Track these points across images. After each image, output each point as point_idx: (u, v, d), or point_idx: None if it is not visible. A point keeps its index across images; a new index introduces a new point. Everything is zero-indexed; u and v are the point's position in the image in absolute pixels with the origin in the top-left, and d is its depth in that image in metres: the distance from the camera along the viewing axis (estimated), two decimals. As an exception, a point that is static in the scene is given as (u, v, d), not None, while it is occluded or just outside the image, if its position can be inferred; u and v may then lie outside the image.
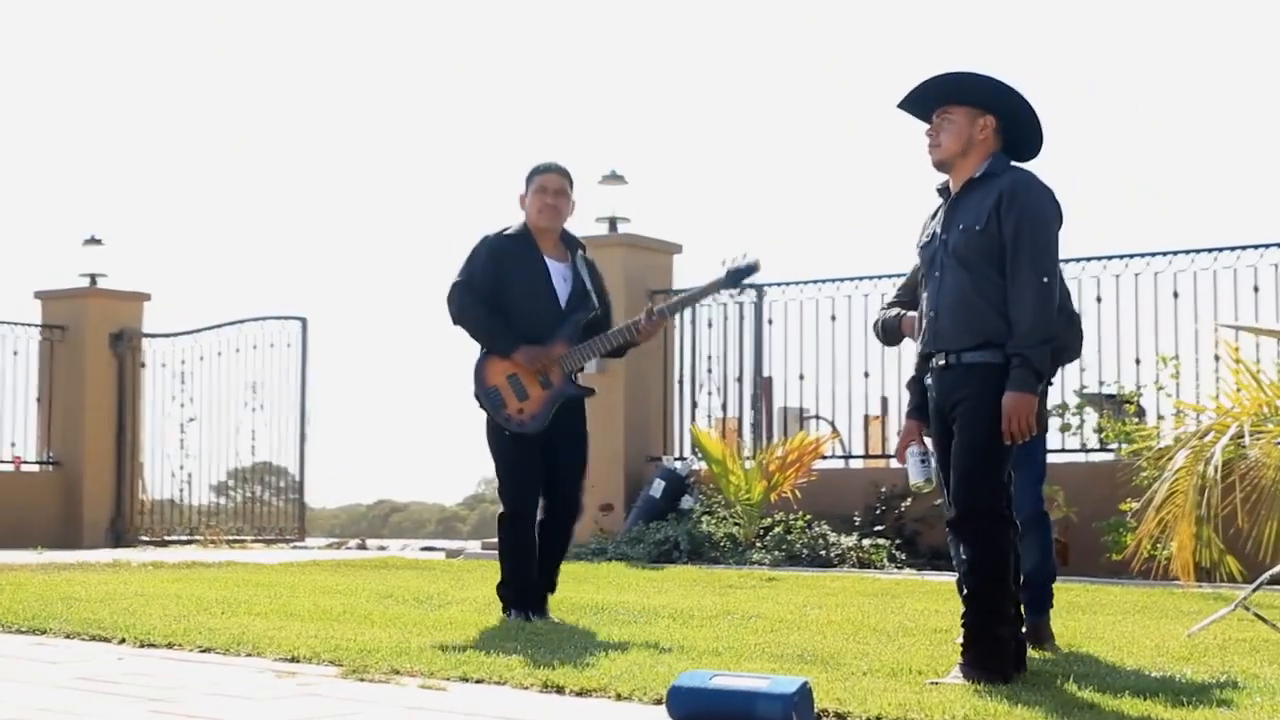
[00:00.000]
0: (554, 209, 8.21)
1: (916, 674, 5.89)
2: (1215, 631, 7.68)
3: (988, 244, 5.82)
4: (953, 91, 5.98)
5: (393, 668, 5.90)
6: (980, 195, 5.89)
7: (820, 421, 15.44)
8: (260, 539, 18.91)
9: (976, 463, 5.80)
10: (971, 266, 5.85)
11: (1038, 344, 5.72)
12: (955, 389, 5.88)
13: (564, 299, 8.17)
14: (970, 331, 5.83)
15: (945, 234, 5.97)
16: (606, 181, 15.95)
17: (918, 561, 13.14)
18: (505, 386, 8.05)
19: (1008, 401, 5.69)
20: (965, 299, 5.85)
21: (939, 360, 5.95)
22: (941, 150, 5.98)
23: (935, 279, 5.99)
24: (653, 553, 13.25)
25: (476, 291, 8.11)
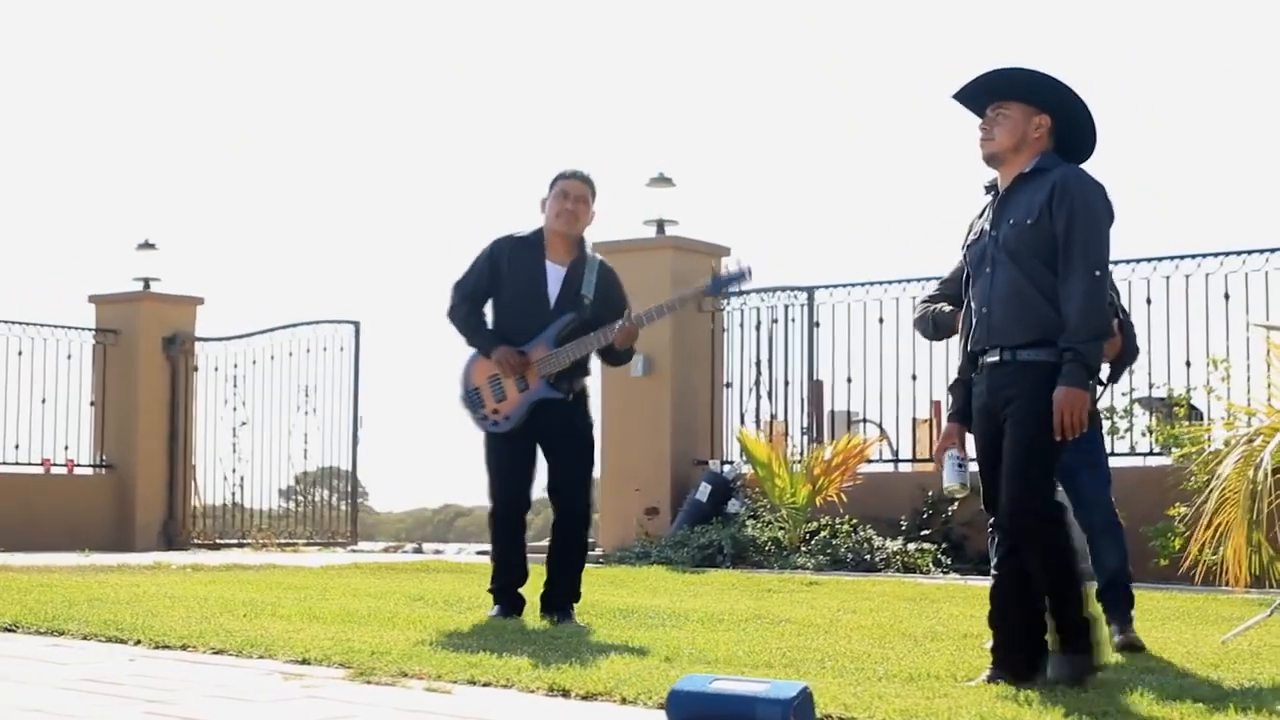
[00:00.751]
0: (572, 214, 8.17)
1: (935, 679, 5.80)
2: (1251, 637, 7.54)
3: (1039, 238, 5.75)
4: (1010, 88, 5.89)
5: (401, 670, 5.84)
6: (1031, 190, 5.82)
7: (868, 425, 15.32)
8: (313, 543, 18.90)
9: (1029, 461, 5.73)
10: (1023, 261, 5.78)
11: (1089, 339, 5.65)
12: (1007, 386, 5.79)
13: (554, 301, 8.12)
14: (1024, 325, 5.76)
15: (995, 230, 5.90)
16: (654, 184, 15.90)
17: (964, 566, 13.02)
18: (485, 387, 8.10)
19: (1059, 396, 5.62)
20: (1018, 292, 5.78)
21: (991, 357, 5.86)
22: (994, 144, 5.89)
23: (985, 275, 5.91)
24: (696, 557, 13.17)
25: (465, 290, 8.19)
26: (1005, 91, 5.88)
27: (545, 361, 8.03)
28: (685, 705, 4.73)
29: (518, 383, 8.03)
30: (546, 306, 8.09)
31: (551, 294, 8.11)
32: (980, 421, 5.96)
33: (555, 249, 8.18)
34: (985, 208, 6.08)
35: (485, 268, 8.16)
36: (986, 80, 5.93)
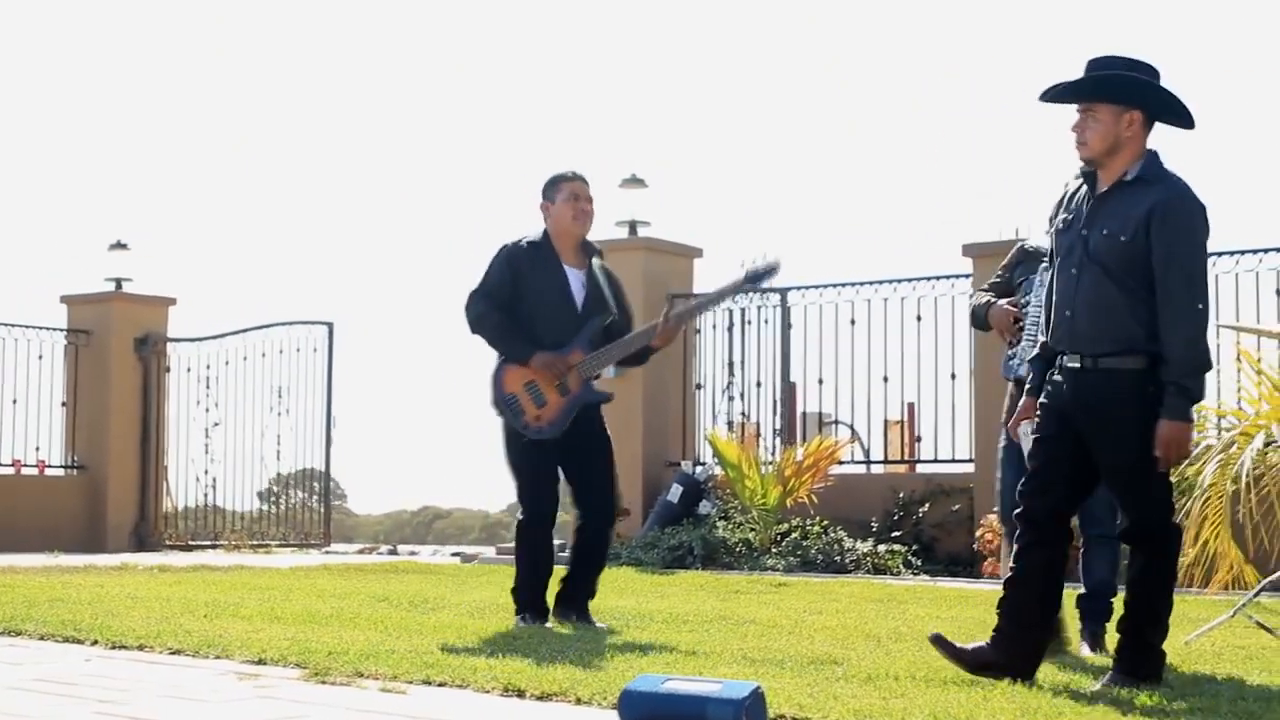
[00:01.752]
0: (588, 215, 8.19)
1: (894, 680, 5.77)
2: (1215, 639, 7.53)
3: (1133, 255, 5.67)
4: (1096, 91, 5.79)
5: (357, 670, 5.81)
6: (1130, 200, 5.73)
7: (840, 426, 15.31)
8: (286, 544, 18.84)
9: (1147, 482, 5.72)
10: (1114, 275, 5.70)
11: (1194, 373, 5.62)
12: (1090, 394, 5.75)
13: (581, 305, 8.09)
14: (1109, 338, 5.71)
15: (1087, 230, 5.80)
16: (627, 185, 15.88)
17: (934, 568, 13.04)
18: (523, 394, 7.98)
19: (1164, 430, 5.57)
20: (1107, 305, 5.71)
21: (1072, 362, 5.81)
22: (1088, 149, 5.80)
23: (1071, 275, 5.83)
24: (666, 558, 13.15)
25: (493, 299, 8.05)
26: (1090, 94, 5.79)
27: (587, 364, 7.99)
28: (637, 705, 4.71)
29: (559, 388, 7.98)
30: (575, 311, 8.05)
31: (577, 297, 8.08)
32: (1051, 420, 5.91)
33: (568, 253, 8.15)
34: (1078, 190, 5.96)
35: (507, 275, 8.05)
36: (1072, 85, 5.83)
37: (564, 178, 8.18)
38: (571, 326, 8.02)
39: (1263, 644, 7.37)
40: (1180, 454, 5.67)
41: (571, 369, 7.96)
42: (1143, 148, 5.81)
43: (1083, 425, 5.79)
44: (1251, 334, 9.09)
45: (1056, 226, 5.99)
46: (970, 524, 13.10)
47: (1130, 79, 5.80)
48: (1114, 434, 5.71)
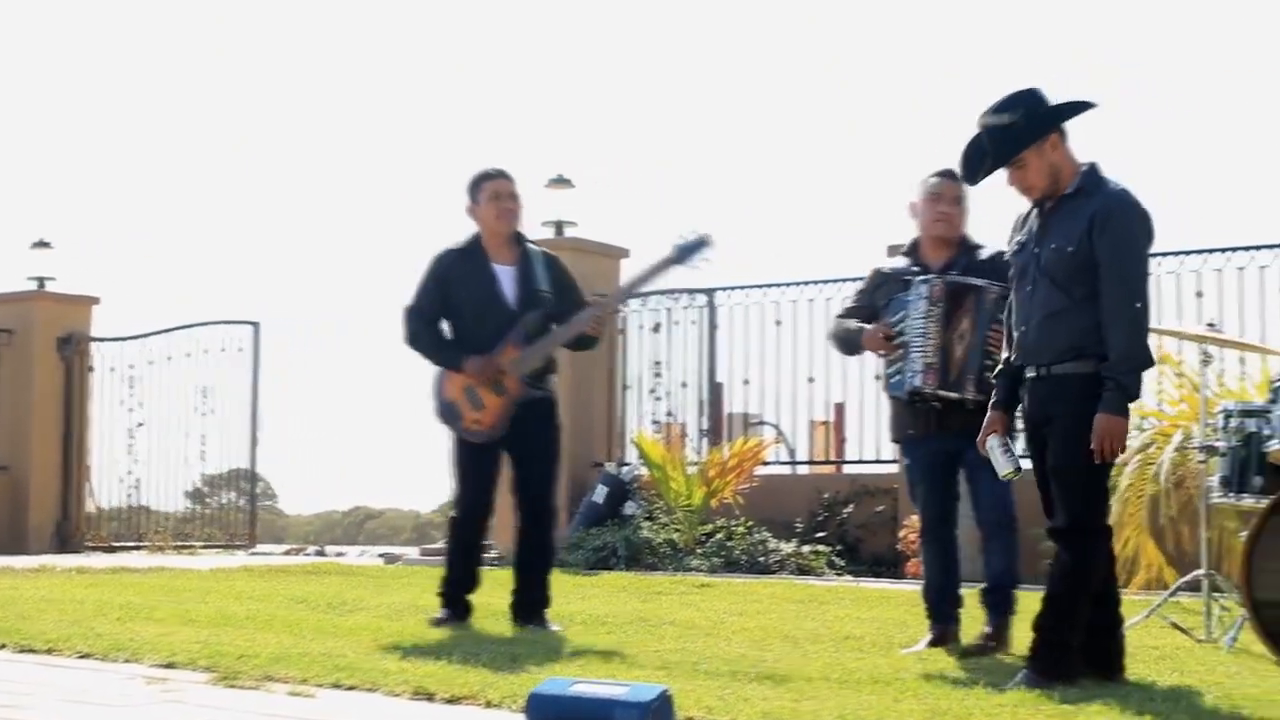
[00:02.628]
0: (512, 212, 8.15)
1: (807, 681, 5.78)
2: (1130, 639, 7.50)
3: (1079, 263, 5.87)
4: (1014, 147, 5.96)
5: (266, 674, 5.77)
6: (1073, 213, 5.93)
7: (766, 427, 15.31)
8: (211, 545, 18.69)
9: (1081, 479, 5.89)
10: (1062, 285, 5.91)
11: (1132, 370, 5.81)
12: (1049, 401, 5.96)
13: (513, 301, 8.04)
14: (1060, 346, 5.91)
15: (1039, 248, 6.02)
16: (553, 185, 15.81)
17: (858, 568, 13.03)
18: (462, 399, 8.01)
19: (1099, 423, 5.77)
20: (1057, 315, 5.92)
21: (1030, 373, 6.04)
22: (1038, 191, 6.01)
23: (1025, 292, 6.07)
24: (590, 559, 13.10)
25: (423, 313, 8.11)
26: (1011, 152, 5.96)
27: (519, 362, 7.96)
28: (544, 709, 4.67)
29: (495, 389, 7.96)
30: (507, 309, 8.02)
31: (509, 295, 8.05)
32: (1029, 432, 6.16)
33: (498, 251, 8.11)
34: (1030, 212, 6.16)
35: (434, 286, 8.09)
36: (992, 154, 6.00)
37: (486, 176, 8.14)
38: (505, 325, 7.99)
39: (1177, 644, 7.41)
40: (1115, 447, 5.81)
41: (504, 369, 7.92)
42: (1075, 161, 6.02)
43: (1044, 430, 6.00)
44: (1171, 336, 9.13)
45: (1012, 249, 6.22)
46: (894, 524, 13.11)
47: (1027, 116, 5.95)
48: (1061, 433, 5.90)
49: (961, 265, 7.24)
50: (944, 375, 7.03)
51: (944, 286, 7.07)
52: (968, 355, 7.02)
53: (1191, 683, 5.97)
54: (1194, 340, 8.46)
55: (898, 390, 7.23)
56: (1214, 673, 6.31)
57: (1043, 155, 5.95)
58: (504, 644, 6.96)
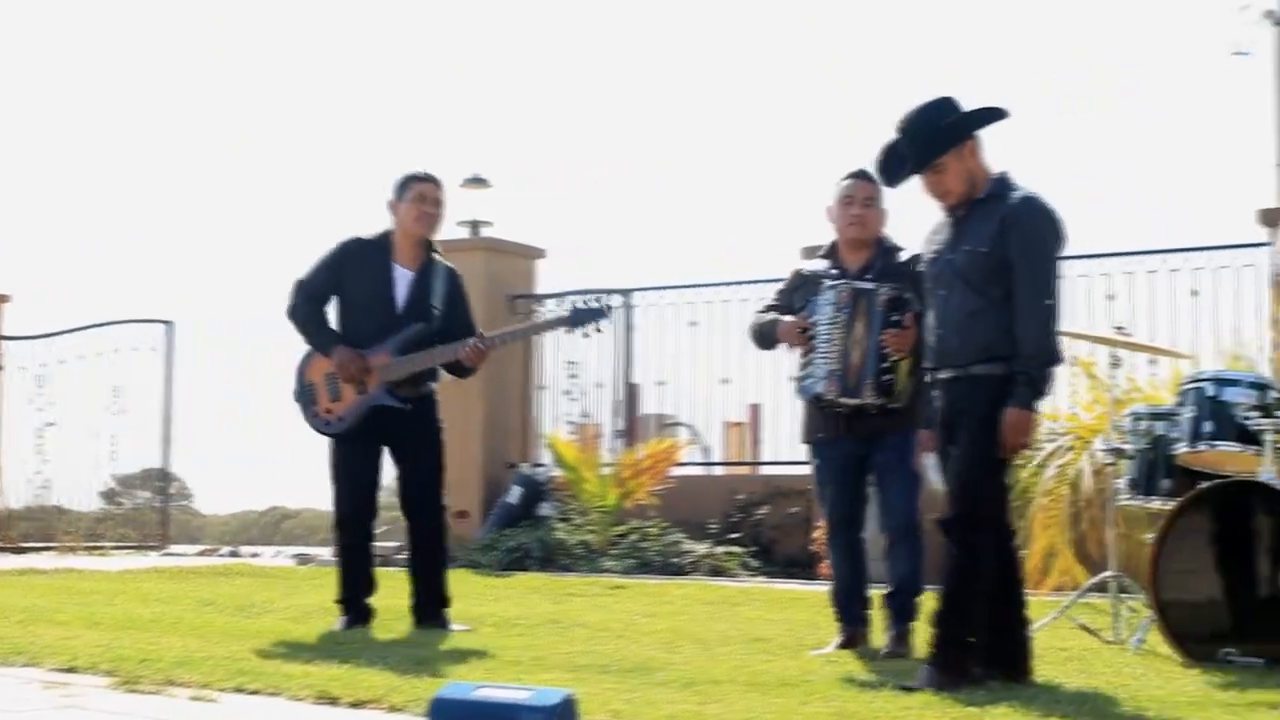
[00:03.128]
0: (431, 218, 8.10)
1: (714, 684, 5.76)
2: (1039, 640, 7.53)
3: (992, 265, 5.93)
4: (935, 150, 6.01)
5: (168, 678, 5.69)
6: (986, 216, 6.00)
7: (680, 428, 15.31)
8: (123, 546, 18.49)
9: (978, 470, 5.93)
10: (977, 287, 5.96)
11: (1042, 365, 5.87)
12: (960, 399, 5.99)
13: (401, 306, 7.99)
14: (975, 348, 5.95)
15: (952, 254, 6.07)
16: (469, 185, 15.75)
17: (772, 569, 13.03)
18: (321, 384, 8.00)
19: (1008, 416, 5.83)
20: (970, 319, 5.97)
21: (944, 374, 6.07)
22: (954, 196, 6.07)
23: (940, 296, 6.11)
24: (504, 560, 13.06)
25: (311, 291, 8.05)
26: (931, 156, 6.02)
27: (387, 369, 7.91)
28: (447, 713, 4.63)
29: (356, 386, 7.91)
30: (393, 311, 7.98)
31: (399, 298, 8.01)
32: (940, 435, 6.15)
33: (404, 253, 8.06)
34: (943, 223, 6.21)
35: (329, 269, 8.04)
36: (913, 158, 6.06)
37: (415, 178, 8.09)
38: (387, 326, 7.95)
39: (1084, 646, 7.45)
40: (1021, 441, 5.87)
41: (371, 370, 7.87)
42: (988, 168, 6.10)
43: (953, 430, 6.03)
44: (1080, 339, 9.18)
45: (929, 256, 6.27)
46: (808, 525, 13.11)
47: (945, 122, 6.03)
48: (967, 430, 5.94)
49: (878, 268, 7.23)
50: (843, 382, 7.04)
51: (850, 291, 7.07)
52: (864, 361, 7.02)
53: (1098, 684, 5.99)
54: (1103, 343, 8.51)
55: (805, 394, 7.24)
56: (1120, 674, 6.34)
57: (961, 160, 6.02)
58: (412, 647, 6.92)
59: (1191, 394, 7.39)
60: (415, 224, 8.04)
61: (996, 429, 5.84)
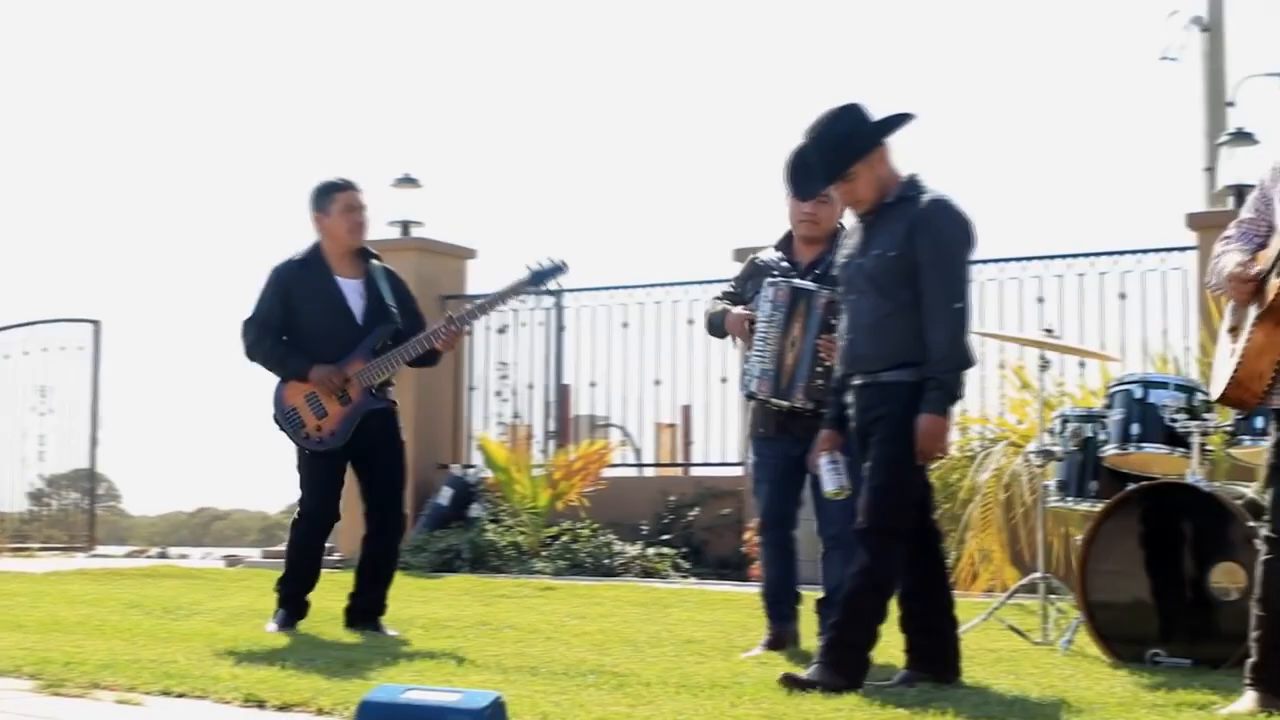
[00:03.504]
0: (364, 225, 8.05)
1: (645, 686, 5.74)
2: (968, 641, 7.56)
3: (902, 268, 5.89)
4: (845, 161, 5.97)
5: (93, 681, 5.63)
6: (895, 219, 5.96)
7: (612, 429, 15.30)
8: (49, 547, 18.32)
9: (891, 479, 5.88)
10: (886, 291, 5.92)
11: (953, 370, 5.83)
12: (873, 406, 5.94)
13: (360, 316, 7.95)
14: (886, 354, 5.90)
15: (862, 258, 6.03)
16: (400, 185, 15.68)
17: (703, 571, 13.05)
18: (303, 406, 7.90)
19: (922, 424, 5.79)
20: (881, 323, 5.93)
21: (856, 380, 6.03)
22: (865, 204, 6.03)
23: (851, 301, 6.08)
24: (434, 562, 13.02)
25: (264, 325, 7.95)
26: (843, 167, 5.98)
27: (365, 373, 7.87)
28: (375, 716, 4.59)
29: (339, 398, 7.85)
30: (354, 323, 7.93)
31: (355, 309, 7.95)
32: (854, 441, 6.11)
33: (342, 264, 7.99)
34: (855, 229, 6.20)
35: (275, 299, 7.94)
36: (824, 170, 6.06)
37: (337, 187, 7.99)
38: (351, 339, 7.89)
39: (1013, 647, 7.47)
40: (935, 448, 5.85)
41: (350, 379, 7.83)
42: (897, 172, 6.07)
43: (866, 437, 5.99)
44: (1009, 341, 9.22)
45: (841, 262, 6.24)
46: (739, 527, 13.13)
47: (854, 130, 5.98)
48: (881, 437, 5.89)
49: (828, 263, 7.12)
50: (776, 383, 7.04)
51: (789, 291, 7.06)
52: (797, 363, 7.03)
53: (1026, 686, 6.01)
54: (1032, 345, 8.55)
55: (743, 390, 7.26)
56: (1049, 675, 6.36)
57: (871, 168, 5.99)
58: (341, 650, 6.87)
59: (1120, 396, 7.44)
60: (350, 235, 7.99)
61: (910, 436, 5.80)
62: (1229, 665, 6.42)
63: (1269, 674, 5.37)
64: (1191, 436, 7.12)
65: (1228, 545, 6.76)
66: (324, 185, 7.99)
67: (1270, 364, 5.30)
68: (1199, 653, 6.69)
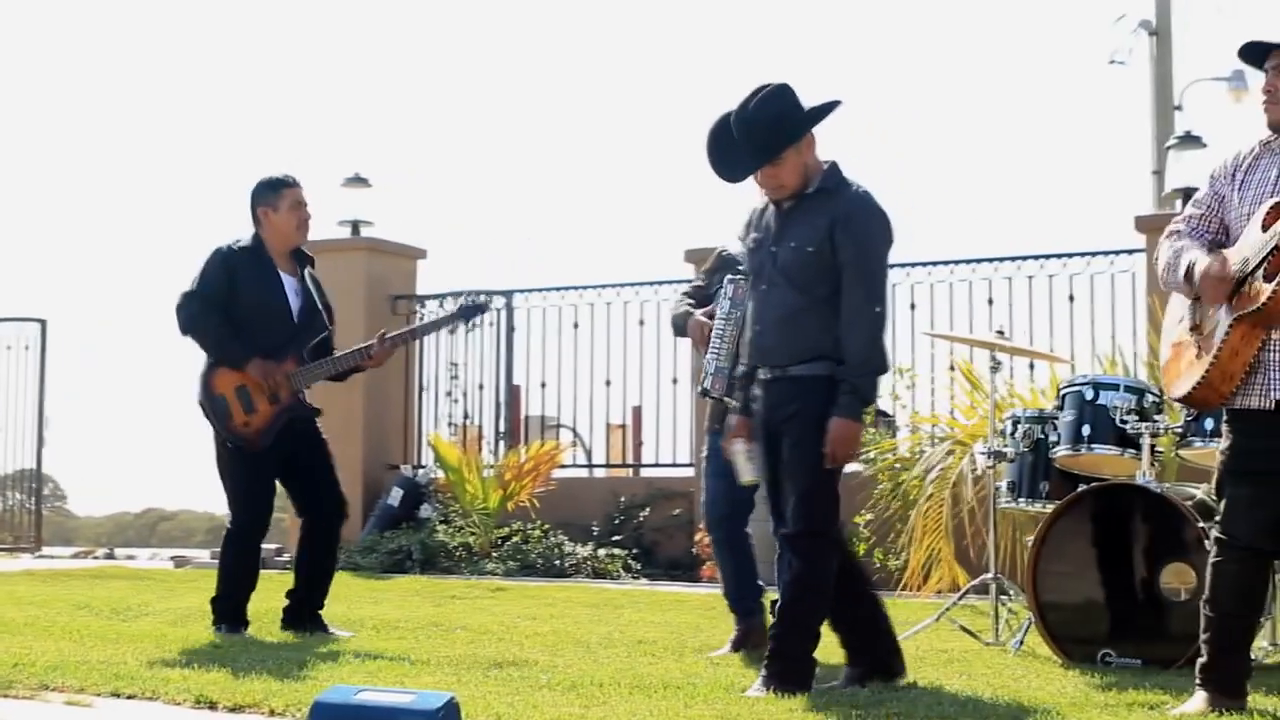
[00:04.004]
0: (309, 223, 8.03)
1: (598, 687, 5.73)
2: (920, 642, 7.63)
3: (820, 264, 5.76)
4: (779, 144, 5.82)
5: (42, 683, 5.60)
6: (815, 212, 5.81)
7: (563, 430, 15.28)
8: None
9: (817, 481, 5.76)
10: (801, 286, 5.79)
11: (870, 374, 5.72)
12: (784, 403, 5.81)
13: (296, 313, 7.91)
14: (797, 348, 5.78)
15: (775, 247, 5.87)
16: (350, 185, 15.61)
17: (654, 572, 13.05)
18: (232, 397, 7.79)
19: (835, 428, 5.67)
20: (793, 318, 5.79)
21: (764, 374, 5.89)
22: (789, 190, 5.88)
23: (761, 292, 5.92)
24: (385, 562, 12.97)
25: (208, 301, 7.81)
26: (776, 150, 5.82)
27: (299, 376, 7.84)
28: (328, 717, 4.57)
29: (270, 397, 7.80)
30: (289, 320, 7.88)
31: (293, 307, 7.91)
32: (763, 435, 5.99)
33: (283, 260, 7.96)
34: (767, 210, 6.02)
35: (223, 278, 7.82)
36: (755, 151, 5.83)
37: (284, 184, 7.95)
38: (285, 335, 7.85)
39: (965, 648, 7.49)
40: (847, 452, 5.73)
41: (285, 380, 7.79)
42: (819, 160, 5.91)
43: (778, 432, 5.87)
44: (964, 343, 9.25)
45: (748, 246, 6.08)
46: (690, 528, 13.14)
47: (786, 114, 5.84)
48: (798, 437, 5.77)
49: None
50: (729, 382, 7.02)
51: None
52: None
53: (979, 686, 6.02)
54: (982, 347, 8.57)
55: (699, 388, 7.27)
56: (1001, 676, 6.38)
57: (800, 154, 5.85)
58: (291, 651, 6.84)
59: (1071, 398, 7.46)
60: (298, 232, 7.97)
61: (824, 435, 5.70)
62: (1179, 665, 6.46)
63: (1219, 674, 5.40)
64: (1142, 438, 7.16)
65: (1178, 546, 6.80)
66: (272, 180, 7.95)
67: (1242, 366, 5.30)
68: (1150, 653, 6.73)
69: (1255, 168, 5.49)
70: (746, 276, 6.18)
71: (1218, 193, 5.57)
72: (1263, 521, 5.36)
